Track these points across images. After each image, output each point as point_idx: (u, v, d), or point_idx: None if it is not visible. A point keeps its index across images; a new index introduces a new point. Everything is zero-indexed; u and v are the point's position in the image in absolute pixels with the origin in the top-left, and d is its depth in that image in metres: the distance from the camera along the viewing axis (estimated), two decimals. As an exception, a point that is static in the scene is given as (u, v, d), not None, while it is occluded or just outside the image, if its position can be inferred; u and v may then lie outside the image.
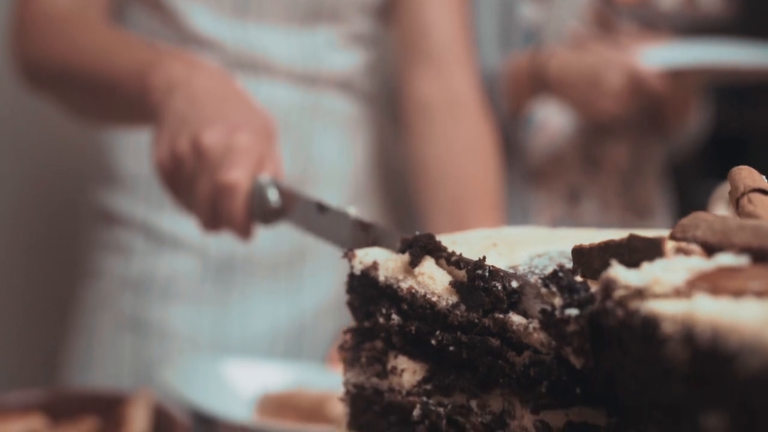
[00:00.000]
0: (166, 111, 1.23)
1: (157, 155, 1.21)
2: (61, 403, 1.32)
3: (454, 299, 0.77)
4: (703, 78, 1.93)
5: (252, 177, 1.15)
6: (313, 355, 1.69)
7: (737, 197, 0.69)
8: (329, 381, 1.36)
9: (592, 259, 0.69)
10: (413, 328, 0.81)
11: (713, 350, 0.49)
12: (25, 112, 2.03)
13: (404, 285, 0.81)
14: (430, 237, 0.83)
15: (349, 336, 0.88)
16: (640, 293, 0.60)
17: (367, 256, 0.86)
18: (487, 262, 0.81)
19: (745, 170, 0.71)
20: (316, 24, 1.72)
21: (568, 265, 0.74)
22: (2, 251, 2.10)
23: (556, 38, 1.96)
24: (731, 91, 2.62)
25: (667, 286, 0.58)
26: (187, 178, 1.19)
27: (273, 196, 1.14)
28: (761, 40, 1.88)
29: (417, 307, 0.80)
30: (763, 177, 0.71)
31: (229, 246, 1.68)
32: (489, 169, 1.66)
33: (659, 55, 1.81)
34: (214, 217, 1.19)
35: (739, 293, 0.53)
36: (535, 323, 0.70)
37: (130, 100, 1.35)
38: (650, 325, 0.56)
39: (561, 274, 0.68)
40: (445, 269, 0.81)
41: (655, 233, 0.68)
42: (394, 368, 0.84)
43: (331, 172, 1.77)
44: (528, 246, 0.86)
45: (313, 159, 1.75)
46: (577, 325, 0.65)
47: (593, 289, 0.68)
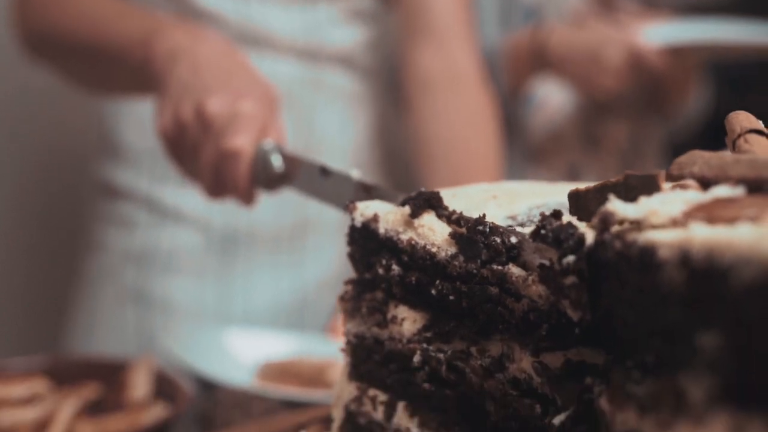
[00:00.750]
0: (170, 79, 1.24)
1: (161, 123, 1.22)
2: (63, 368, 1.33)
3: (453, 250, 0.78)
4: (703, 56, 1.94)
5: (256, 143, 1.16)
6: (314, 327, 1.70)
7: (734, 139, 0.70)
8: (330, 350, 1.37)
9: (588, 202, 0.70)
10: (413, 279, 0.82)
11: (708, 268, 0.50)
12: (28, 87, 2.04)
13: (404, 237, 0.82)
14: (432, 193, 0.84)
15: (350, 287, 0.90)
16: (637, 225, 0.61)
17: (368, 208, 0.87)
18: (487, 213, 0.82)
19: (742, 114, 0.72)
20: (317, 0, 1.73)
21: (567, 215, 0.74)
22: (7, 224, 2.11)
23: (556, 16, 1.96)
24: (732, 74, 2.63)
25: (664, 217, 0.59)
26: (191, 145, 1.20)
27: (276, 161, 1.15)
28: (761, 18, 1.89)
29: (417, 258, 0.81)
30: (760, 122, 0.72)
31: (232, 219, 1.69)
32: (490, 142, 1.67)
33: (659, 33, 1.82)
34: (218, 184, 1.20)
35: (733, 220, 0.54)
36: (534, 276, 0.71)
37: (132, 69, 1.36)
38: (647, 253, 0.57)
39: (545, 227, 0.70)
40: (445, 221, 0.82)
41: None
42: (395, 317, 0.85)
43: (333, 146, 1.78)
44: (527, 198, 0.87)
45: (315, 134, 1.76)
46: (576, 277, 0.66)
47: (583, 229, 0.69)
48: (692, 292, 0.52)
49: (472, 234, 0.77)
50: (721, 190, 0.60)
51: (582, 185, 0.78)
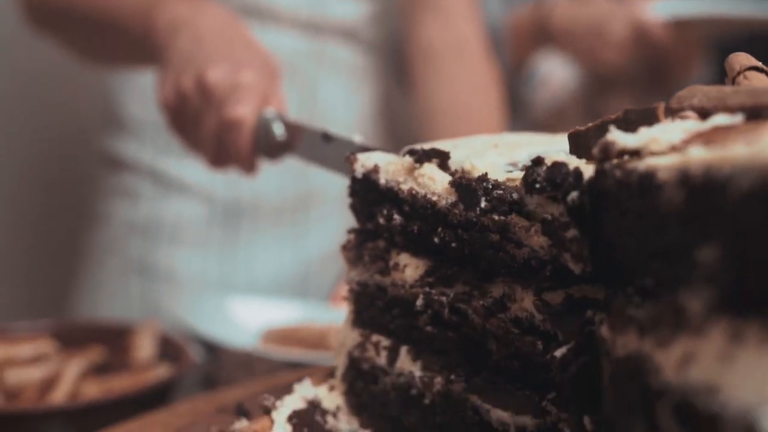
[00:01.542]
0: (171, 50, 1.25)
1: (162, 94, 1.23)
2: (69, 332, 1.34)
3: (453, 198, 0.79)
4: (708, 30, 1.94)
5: (257, 112, 1.17)
6: (317, 298, 1.71)
7: (734, 77, 0.70)
8: (332, 316, 1.37)
9: (588, 139, 0.70)
10: (415, 228, 0.83)
11: (706, 183, 0.51)
12: (32, 60, 2.04)
13: (405, 187, 0.83)
14: (435, 148, 0.85)
15: (353, 236, 0.90)
16: (637, 154, 0.61)
17: (369, 159, 0.88)
18: (488, 160, 0.83)
19: (742, 54, 0.73)
20: (321, -28, 1.74)
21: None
22: (14, 195, 2.12)
23: (559, -9, 1.97)
24: (736, 48, 2.62)
25: (664, 144, 0.60)
26: (193, 115, 1.21)
27: (278, 129, 1.16)
28: (766, -8, 1.89)
29: (418, 208, 0.82)
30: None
31: (235, 191, 1.70)
32: (493, 112, 1.68)
33: (664, 7, 1.82)
34: (220, 154, 1.20)
35: (731, 140, 0.54)
36: (537, 227, 0.72)
37: (134, 40, 1.36)
38: (647, 177, 0.57)
39: (533, 175, 0.71)
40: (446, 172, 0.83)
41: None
42: (397, 264, 0.85)
43: (337, 119, 1.78)
44: (528, 146, 0.88)
45: (319, 106, 1.77)
46: (576, 230, 0.67)
47: (583, 166, 0.70)
48: (691, 209, 0.53)
49: (471, 182, 0.77)
50: (720, 119, 0.61)
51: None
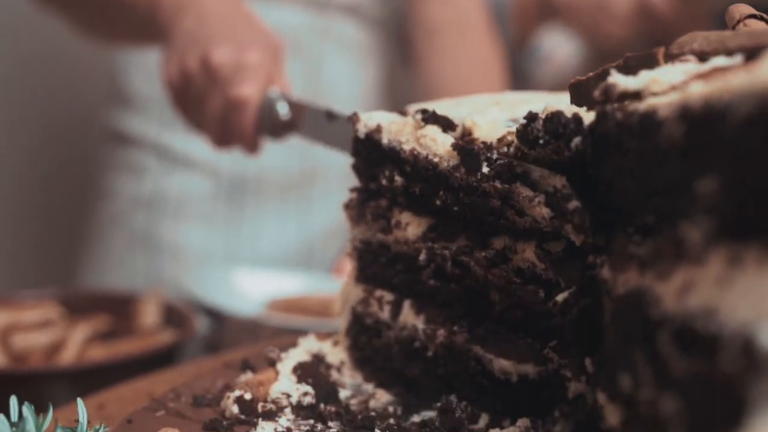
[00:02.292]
0: (176, 30, 1.25)
1: (167, 73, 1.24)
2: (75, 300, 1.35)
3: (454, 161, 0.78)
4: (711, 3, 1.93)
5: (262, 92, 1.18)
6: (321, 271, 1.71)
7: (733, 25, 0.71)
8: (336, 287, 1.38)
9: (589, 87, 0.71)
10: (417, 190, 0.83)
11: (706, 115, 0.51)
12: (37, 36, 2.05)
13: (407, 147, 0.83)
14: (442, 116, 0.84)
15: (355, 195, 0.91)
16: (638, 96, 0.62)
17: (371, 119, 0.87)
18: (489, 115, 0.83)
19: (742, 5, 0.73)
20: (325, -52, 1.74)
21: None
22: (21, 169, 2.13)
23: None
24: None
25: (665, 84, 0.60)
26: (197, 95, 1.22)
27: (282, 109, 1.16)
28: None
29: (420, 169, 0.82)
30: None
31: (240, 166, 1.70)
32: (496, 87, 1.68)
33: (667, -19, 1.82)
34: (224, 133, 1.21)
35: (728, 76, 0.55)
36: (541, 197, 0.72)
37: (139, 19, 1.37)
38: (648, 117, 0.58)
39: (531, 129, 0.71)
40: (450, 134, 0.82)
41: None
42: (399, 223, 0.86)
43: (341, 95, 1.79)
44: (530, 104, 0.87)
45: (323, 82, 1.77)
46: (578, 202, 0.68)
47: (584, 113, 0.70)
48: (691, 143, 0.53)
49: (473, 147, 0.77)
50: (720, 60, 0.61)
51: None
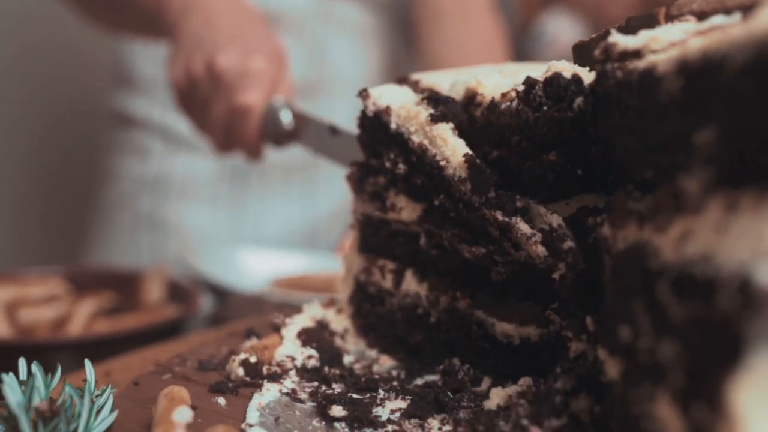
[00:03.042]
0: (182, 31, 1.26)
1: (173, 76, 1.24)
2: (80, 277, 1.36)
3: (463, 174, 0.76)
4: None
5: (266, 100, 1.18)
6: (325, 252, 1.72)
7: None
8: (338, 266, 1.39)
9: (591, 48, 0.71)
10: (418, 181, 0.82)
11: (703, 65, 0.52)
12: (42, 18, 2.06)
13: (416, 138, 0.80)
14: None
15: (356, 168, 0.90)
16: (638, 55, 0.62)
17: (381, 98, 0.85)
18: (491, 81, 0.83)
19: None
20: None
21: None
22: (28, 151, 2.14)
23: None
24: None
25: (664, 42, 0.61)
26: (202, 99, 1.22)
27: (286, 118, 1.17)
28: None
29: (425, 164, 0.80)
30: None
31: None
32: (499, 68, 1.68)
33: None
34: (228, 139, 1.22)
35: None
36: (538, 237, 0.73)
37: (146, 15, 1.38)
38: (647, 73, 0.59)
39: (532, 91, 0.72)
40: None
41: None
42: (393, 205, 0.86)
43: (345, 78, 1.80)
44: (531, 71, 0.88)
45: (328, 65, 1.78)
46: (572, 243, 0.69)
47: (584, 74, 0.71)
48: (689, 95, 0.54)
49: (485, 170, 0.75)
50: (718, 19, 0.62)
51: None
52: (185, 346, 1.00)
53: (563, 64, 0.74)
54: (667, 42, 0.61)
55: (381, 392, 0.75)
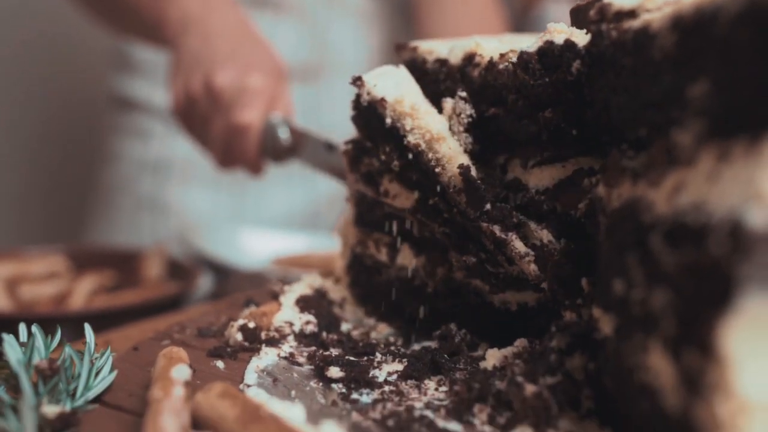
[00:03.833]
0: (181, 48, 1.26)
1: (173, 94, 1.25)
2: (81, 256, 1.36)
3: (458, 185, 0.75)
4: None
5: (264, 117, 1.19)
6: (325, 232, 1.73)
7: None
8: (338, 246, 1.39)
9: (587, 11, 0.72)
10: (413, 177, 0.81)
11: (697, 19, 0.52)
12: (42, 2, 2.06)
13: (411, 139, 0.78)
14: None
15: (351, 146, 0.89)
16: (632, 14, 0.63)
17: (376, 88, 0.81)
18: (489, 46, 0.82)
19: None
20: None
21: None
22: (31, 133, 2.15)
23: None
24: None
25: (659, 1, 0.61)
26: (201, 117, 1.23)
27: (284, 134, 1.18)
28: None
29: (420, 163, 0.78)
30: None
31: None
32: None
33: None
34: (228, 156, 1.23)
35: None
36: (530, 257, 0.73)
37: (146, 27, 1.38)
38: (641, 32, 0.59)
39: (529, 62, 0.72)
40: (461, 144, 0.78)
41: None
42: (387, 192, 0.85)
43: (346, 61, 1.80)
44: (529, 40, 0.89)
45: (329, 48, 1.78)
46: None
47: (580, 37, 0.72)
48: (683, 49, 0.54)
49: (481, 186, 0.75)
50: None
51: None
52: (185, 317, 1.01)
53: (559, 26, 0.74)
54: (662, 1, 0.61)
55: (378, 356, 0.76)
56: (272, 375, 0.72)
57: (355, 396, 0.68)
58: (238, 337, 0.79)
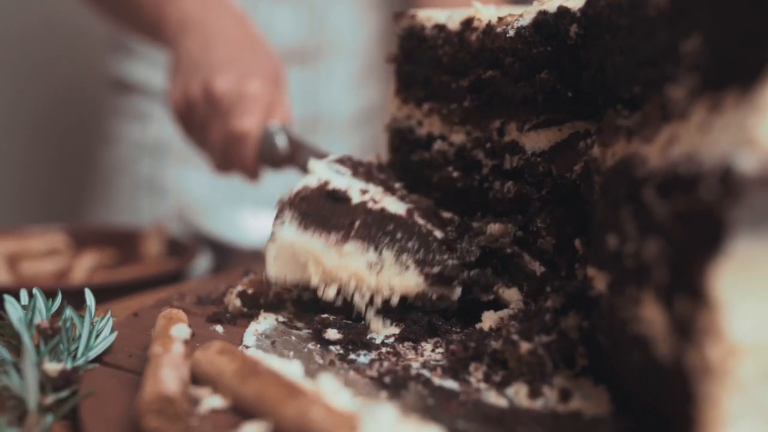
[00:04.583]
0: (180, 51, 1.25)
1: (173, 98, 1.25)
2: (81, 234, 1.37)
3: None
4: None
5: (262, 124, 1.18)
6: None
7: None
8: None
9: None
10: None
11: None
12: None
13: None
14: None
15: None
16: (628, -24, 0.64)
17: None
18: (487, 12, 0.83)
19: None
20: None
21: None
22: (31, 115, 2.15)
23: None
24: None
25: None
26: (200, 121, 1.22)
27: (281, 142, 1.18)
28: None
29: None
30: None
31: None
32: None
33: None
34: (226, 161, 1.23)
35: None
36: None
37: (146, 25, 1.39)
38: (636, -9, 0.60)
39: (529, 40, 0.73)
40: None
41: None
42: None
43: (345, 44, 1.80)
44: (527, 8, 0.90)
45: (327, 30, 1.79)
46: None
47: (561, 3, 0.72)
48: (677, 5, 0.55)
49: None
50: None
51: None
52: (185, 288, 1.01)
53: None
54: (656, -38, 0.62)
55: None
56: (270, 338, 0.72)
57: (352, 357, 0.69)
58: (237, 302, 0.80)
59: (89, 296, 0.74)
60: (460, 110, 0.81)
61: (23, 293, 0.74)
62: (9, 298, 0.68)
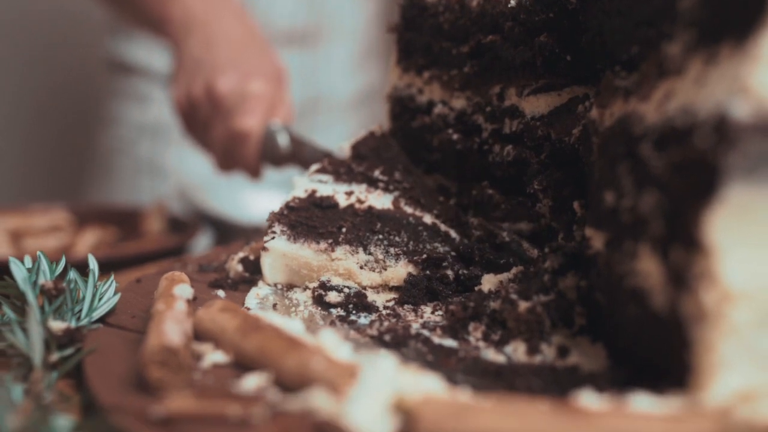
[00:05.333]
0: (183, 51, 1.26)
1: (176, 98, 1.26)
2: (83, 213, 1.37)
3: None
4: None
5: (264, 124, 1.19)
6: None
7: None
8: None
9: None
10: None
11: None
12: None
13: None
14: None
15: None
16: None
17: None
18: None
19: None
20: None
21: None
22: (32, 97, 2.15)
23: None
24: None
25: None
26: (203, 121, 1.23)
27: (283, 141, 1.19)
28: None
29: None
30: None
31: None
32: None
33: None
34: (228, 160, 1.24)
35: None
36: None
37: (150, 24, 1.39)
38: (634, -47, 0.61)
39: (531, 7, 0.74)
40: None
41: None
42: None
43: (344, 26, 1.81)
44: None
45: (327, 12, 1.79)
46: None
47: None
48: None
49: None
50: None
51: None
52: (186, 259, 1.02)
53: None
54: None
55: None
56: (272, 301, 0.73)
57: (353, 318, 0.70)
58: (239, 268, 0.80)
59: (92, 261, 0.75)
60: (460, 76, 0.82)
61: (27, 258, 0.74)
62: (13, 260, 0.69)
